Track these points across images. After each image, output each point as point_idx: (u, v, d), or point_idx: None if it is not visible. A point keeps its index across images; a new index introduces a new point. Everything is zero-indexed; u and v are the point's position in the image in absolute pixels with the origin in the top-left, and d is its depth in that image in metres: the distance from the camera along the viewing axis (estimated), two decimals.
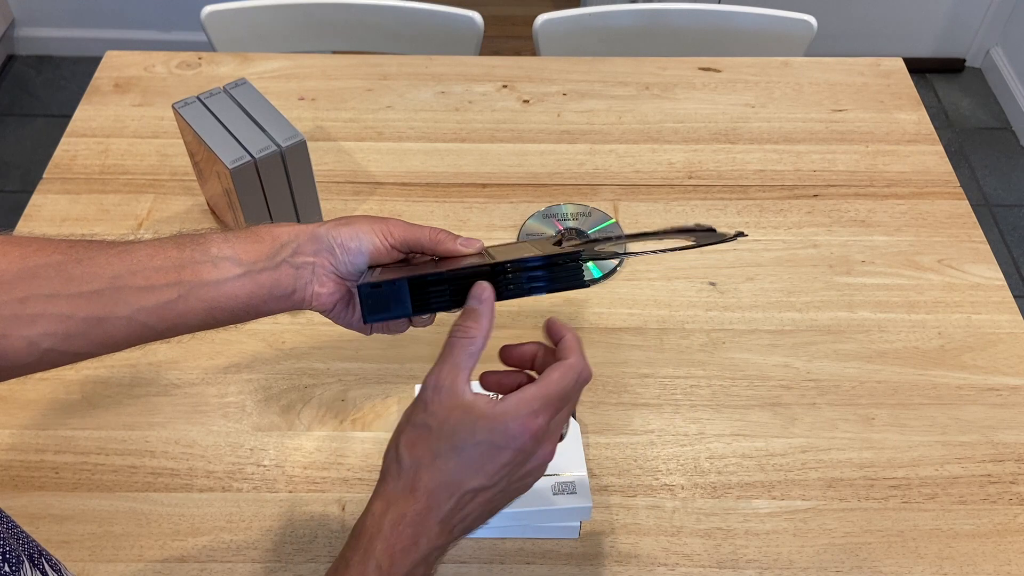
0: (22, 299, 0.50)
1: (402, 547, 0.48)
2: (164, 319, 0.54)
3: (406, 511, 0.49)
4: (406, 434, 0.51)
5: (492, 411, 0.49)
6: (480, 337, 0.52)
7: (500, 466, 0.50)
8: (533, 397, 0.50)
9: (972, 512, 0.74)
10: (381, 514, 0.49)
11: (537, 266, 0.55)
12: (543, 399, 0.50)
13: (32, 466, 0.77)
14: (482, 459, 0.49)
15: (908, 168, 1.04)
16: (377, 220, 0.60)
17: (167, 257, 0.55)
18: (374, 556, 0.48)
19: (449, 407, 0.50)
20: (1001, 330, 0.88)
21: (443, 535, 0.50)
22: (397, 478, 0.50)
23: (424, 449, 0.50)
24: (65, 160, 1.03)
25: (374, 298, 0.56)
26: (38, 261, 0.52)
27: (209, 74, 1.15)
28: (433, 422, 0.50)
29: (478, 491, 0.50)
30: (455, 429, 0.49)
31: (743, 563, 0.71)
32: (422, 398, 0.51)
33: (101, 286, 0.52)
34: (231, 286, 0.55)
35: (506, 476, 0.50)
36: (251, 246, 0.57)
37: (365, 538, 0.49)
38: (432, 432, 0.50)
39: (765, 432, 0.80)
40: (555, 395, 0.51)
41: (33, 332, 0.51)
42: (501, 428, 0.49)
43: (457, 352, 0.51)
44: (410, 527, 0.49)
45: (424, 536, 0.49)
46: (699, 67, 1.17)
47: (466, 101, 1.12)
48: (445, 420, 0.50)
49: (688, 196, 1.00)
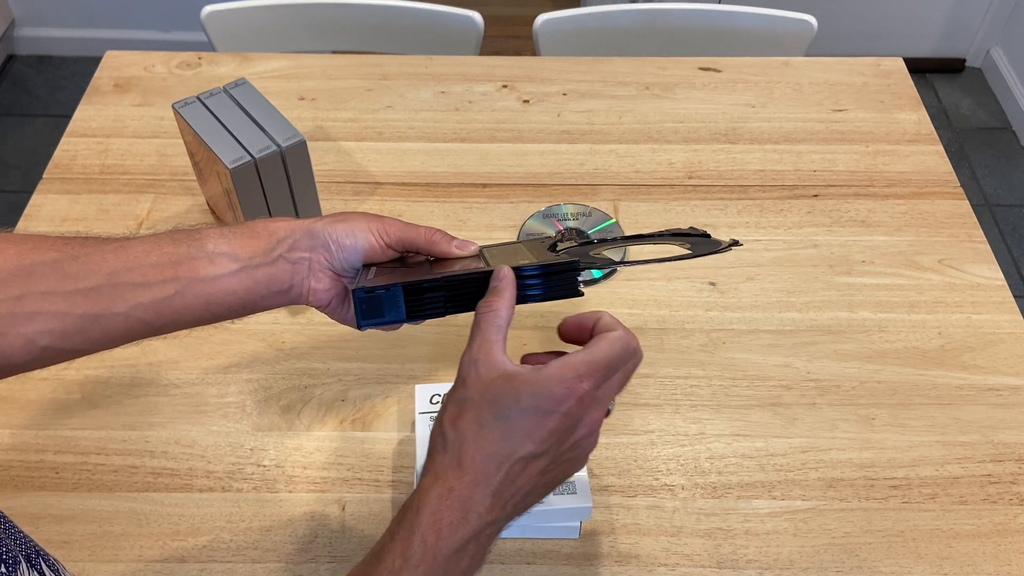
0: (18, 297, 0.50)
1: (450, 521, 0.47)
2: (161, 315, 0.54)
3: (454, 484, 0.47)
4: (448, 410, 0.50)
5: (535, 376, 0.48)
6: (504, 309, 0.52)
7: (548, 432, 0.48)
8: (578, 362, 0.49)
9: (972, 512, 0.74)
10: (428, 488, 0.48)
11: (533, 274, 0.56)
12: (588, 364, 0.49)
13: (32, 466, 0.77)
14: (528, 426, 0.48)
15: (908, 168, 1.04)
16: (374, 218, 0.60)
17: (163, 253, 0.55)
18: (419, 530, 0.47)
19: (488, 378, 0.49)
20: (1001, 330, 0.88)
21: (495, 509, 0.48)
22: (444, 452, 0.49)
23: (468, 421, 0.48)
24: (65, 160, 1.03)
25: (369, 303, 0.56)
26: (34, 259, 0.52)
27: (209, 74, 1.15)
28: (474, 394, 0.49)
29: (529, 460, 0.48)
30: (497, 397, 0.48)
31: (743, 563, 0.71)
32: (460, 375, 0.50)
33: (98, 283, 0.52)
34: (228, 282, 0.55)
35: (555, 443, 0.49)
36: (247, 241, 0.57)
37: (412, 512, 0.47)
38: (474, 404, 0.48)
39: (765, 432, 0.80)
40: (601, 361, 0.50)
41: (30, 330, 0.51)
42: (545, 392, 0.48)
43: (485, 327, 0.51)
44: (458, 501, 0.47)
45: (474, 510, 0.47)
46: (699, 67, 1.17)
47: (466, 101, 1.12)
48: (486, 390, 0.49)
49: (688, 196, 1.00)
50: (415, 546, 0.46)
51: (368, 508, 0.74)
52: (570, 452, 0.50)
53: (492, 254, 0.61)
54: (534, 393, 0.48)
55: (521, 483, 0.49)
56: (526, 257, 0.58)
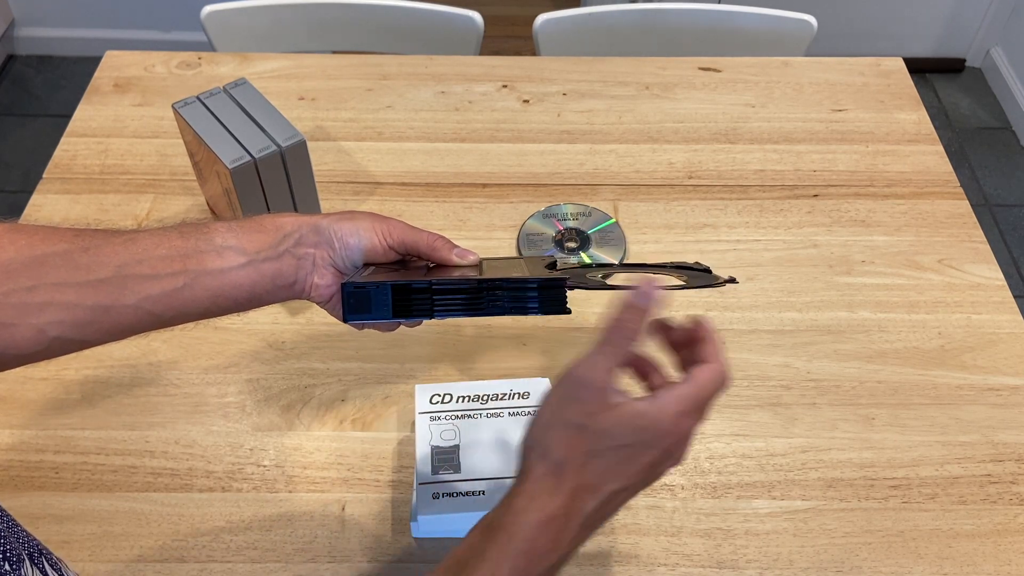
0: (30, 288, 0.51)
1: (543, 550, 0.46)
2: (170, 307, 0.55)
3: (553, 512, 0.47)
4: (555, 430, 0.48)
5: (647, 411, 0.48)
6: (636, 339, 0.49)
7: (644, 465, 0.48)
8: (687, 397, 0.48)
9: (972, 512, 0.74)
10: (524, 510, 0.47)
11: (522, 287, 0.56)
12: (694, 400, 0.49)
13: (32, 466, 0.77)
14: (631, 458, 0.48)
15: (908, 168, 1.04)
16: (379, 219, 0.61)
17: (172, 246, 0.55)
18: (511, 556, 0.46)
19: (603, 406, 0.48)
20: (1001, 330, 0.88)
21: (581, 536, 0.48)
22: (544, 477, 0.48)
23: (577, 449, 0.48)
24: (65, 160, 1.03)
25: (356, 298, 0.56)
26: (45, 250, 0.52)
27: (209, 74, 1.15)
28: (588, 422, 0.48)
29: (619, 492, 0.49)
30: (610, 430, 0.48)
31: (743, 563, 0.71)
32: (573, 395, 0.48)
33: (108, 275, 0.53)
34: (235, 275, 0.56)
35: (647, 474, 0.49)
36: (255, 236, 0.57)
37: (504, 536, 0.47)
38: (586, 432, 0.48)
39: (765, 432, 0.80)
40: (704, 399, 0.49)
41: (41, 320, 0.51)
42: (653, 427, 0.48)
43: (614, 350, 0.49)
44: (553, 530, 0.47)
45: (565, 538, 0.47)
46: (699, 67, 1.17)
47: (466, 101, 1.12)
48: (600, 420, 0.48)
49: (688, 196, 1.00)
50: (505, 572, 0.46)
51: (368, 508, 0.74)
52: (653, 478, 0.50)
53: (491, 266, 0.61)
54: (643, 427, 0.48)
55: (607, 511, 0.49)
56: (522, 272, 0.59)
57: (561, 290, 0.56)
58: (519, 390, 0.76)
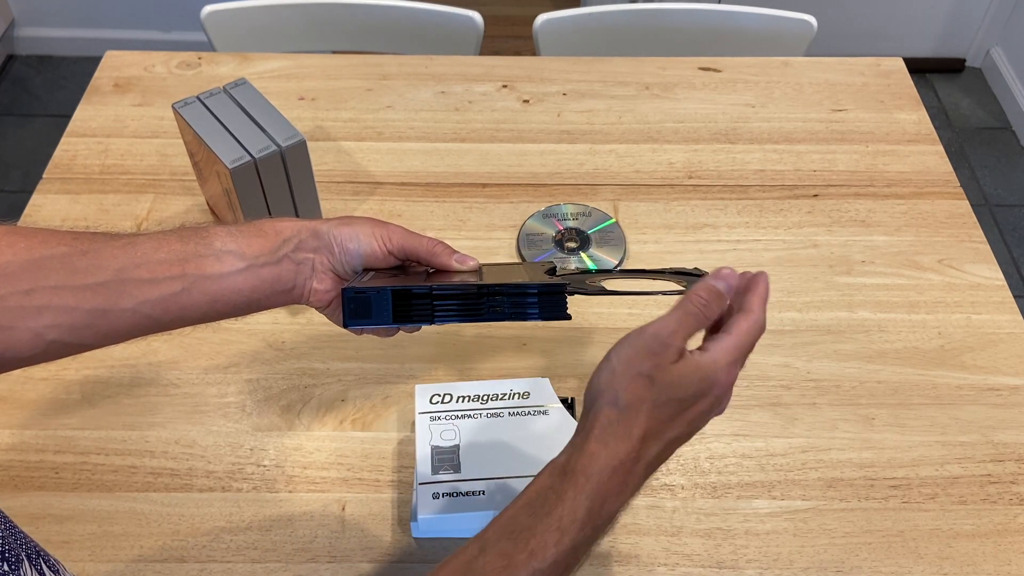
0: (28, 291, 0.51)
1: (612, 491, 0.49)
2: (168, 311, 0.55)
3: (622, 457, 0.49)
4: (628, 380, 0.51)
5: (704, 362, 0.51)
6: (711, 319, 0.54)
7: (699, 413, 0.52)
8: (734, 347, 0.52)
9: (972, 512, 0.74)
10: (596, 455, 0.50)
11: (522, 293, 0.56)
12: (739, 350, 0.52)
13: (32, 466, 0.77)
14: (690, 407, 0.51)
15: (908, 168, 1.04)
16: (379, 224, 0.61)
17: (171, 250, 0.55)
18: (586, 494, 0.48)
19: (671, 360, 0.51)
20: (1001, 330, 0.88)
21: (643, 479, 0.51)
22: (615, 422, 0.50)
23: (645, 396, 0.50)
24: (65, 160, 1.03)
25: (357, 303, 0.56)
26: (43, 253, 0.52)
27: (209, 74, 1.15)
28: (658, 374, 0.50)
29: (676, 439, 0.52)
30: (677, 381, 0.51)
31: (743, 563, 0.71)
32: (650, 348, 0.51)
33: (106, 278, 0.53)
34: (234, 280, 0.56)
35: (699, 421, 0.52)
36: (254, 240, 0.57)
37: (581, 477, 0.49)
38: (656, 382, 0.50)
39: (765, 432, 0.80)
40: (746, 347, 0.53)
41: (39, 324, 0.51)
42: (710, 378, 0.51)
43: (690, 321, 0.53)
44: (622, 474, 0.49)
45: (631, 482, 0.50)
46: (699, 67, 1.17)
47: (466, 101, 1.12)
48: (669, 372, 0.51)
49: (688, 196, 1.00)
50: (582, 510, 0.48)
51: (368, 508, 0.74)
52: (701, 426, 0.54)
53: (491, 271, 0.61)
54: (701, 379, 0.51)
55: (664, 456, 0.52)
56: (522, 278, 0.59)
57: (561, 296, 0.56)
58: (519, 390, 0.76)
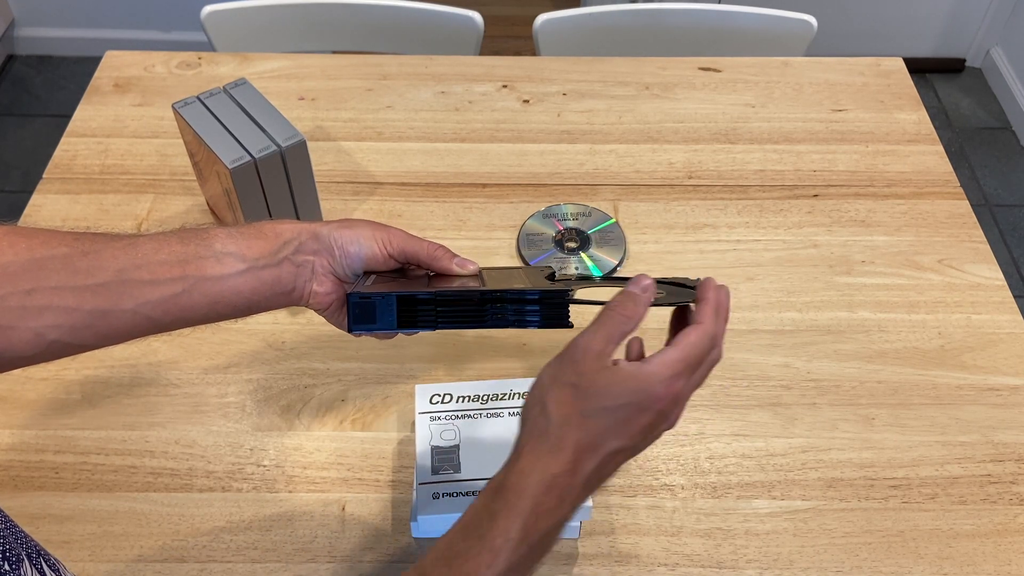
0: (29, 291, 0.51)
1: (547, 508, 0.48)
2: (168, 312, 0.55)
3: (555, 472, 0.49)
4: (553, 391, 0.51)
5: (638, 373, 0.50)
6: (634, 321, 0.53)
7: (641, 427, 0.50)
8: (674, 360, 0.51)
9: (972, 512, 0.74)
10: (528, 471, 0.49)
11: (525, 300, 0.56)
12: (683, 362, 0.51)
13: (32, 466, 0.77)
14: (627, 420, 0.50)
15: (908, 168, 1.04)
16: (379, 227, 0.61)
17: (172, 252, 0.55)
18: (519, 512, 0.48)
19: (597, 368, 0.50)
20: (1001, 330, 0.88)
21: (583, 495, 0.50)
22: (544, 435, 0.50)
23: (572, 408, 0.50)
24: (65, 160, 1.03)
25: (362, 308, 0.56)
26: (45, 253, 0.52)
27: (209, 74, 1.15)
28: (582, 382, 0.50)
29: (618, 452, 0.50)
30: (604, 390, 0.50)
31: (743, 563, 0.71)
32: (571, 357, 0.51)
33: (107, 279, 0.53)
34: (234, 282, 0.56)
35: (643, 437, 0.51)
36: (254, 242, 0.57)
37: (512, 493, 0.49)
38: (580, 392, 0.50)
39: (765, 432, 0.80)
40: (693, 358, 0.51)
41: (39, 324, 0.51)
42: (646, 389, 0.50)
43: (612, 326, 0.52)
44: (556, 488, 0.49)
45: (568, 498, 0.49)
46: (699, 67, 1.17)
47: (466, 101, 1.12)
48: (594, 381, 0.50)
49: (688, 196, 1.00)
50: (515, 528, 0.48)
51: (368, 508, 0.74)
52: (648, 442, 0.53)
53: (491, 276, 0.61)
54: (636, 390, 0.50)
55: (606, 472, 0.51)
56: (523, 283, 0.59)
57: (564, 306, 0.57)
58: (519, 390, 0.76)
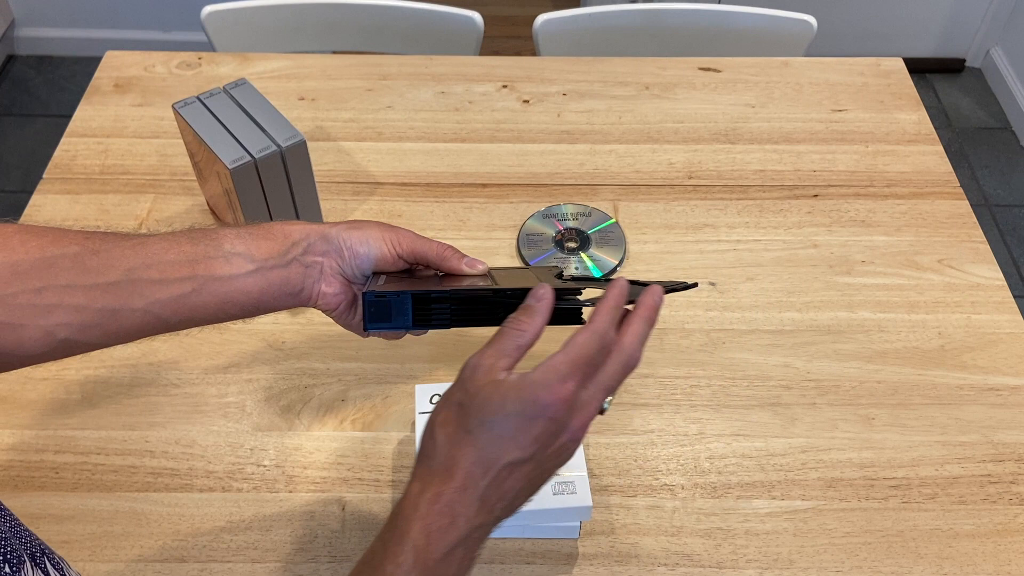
0: (39, 289, 0.51)
1: (439, 527, 0.47)
2: (177, 312, 0.55)
3: (443, 490, 0.48)
4: (441, 413, 0.50)
5: (520, 382, 0.48)
6: (530, 333, 0.51)
7: (534, 437, 0.48)
8: (559, 363, 0.49)
9: (972, 512, 0.74)
10: (418, 494, 0.48)
11: None
12: (569, 364, 0.49)
13: (32, 466, 0.77)
14: (515, 431, 0.48)
15: (908, 168, 1.04)
16: (388, 228, 0.61)
17: (181, 251, 0.55)
18: (410, 537, 0.47)
19: (483, 384, 0.49)
20: (1001, 330, 0.88)
21: (482, 513, 0.48)
22: (432, 457, 0.49)
23: (456, 426, 0.49)
24: (65, 160, 1.03)
25: (377, 307, 0.57)
26: (55, 251, 0.53)
27: (209, 74, 1.15)
28: (465, 399, 0.49)
29: (515, 465, 0.49)
30: (485, 403, 0.48)
31: (743, 563, 0.71)
32: (460, 377, 0.50)
33: (117, 278, 0.53)
34: (243, 282, 0.56)
35: (541, 448, 0.49)
36: (263, 243, 0.57)
37: (401, 519, 0.48)
38: (464, 408, 0.49)
39: (765, 432, 0.80)
40: (581, 360, 0.49)
41: (49, 322, 0.51)
42: (531, 398, 0.48)
43: (505, 340, 0.51)
44: (447, 506, 0.48)
45: (462, 515, 0.48)
46: (699, 67, 1.17)
47: (466, 101, 1.12)
48: (475, 395, 0.49)
49: (688, 196, 1.00)
50: (406, 552, 0.47)
51: (368, 508, 0.74)
52: (555, 456, 0.50)
53: (500, 276, 0.61)
54: (520, 399, 0.48)
55: (507, 487, 0.49)
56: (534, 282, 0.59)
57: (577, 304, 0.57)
58: None
